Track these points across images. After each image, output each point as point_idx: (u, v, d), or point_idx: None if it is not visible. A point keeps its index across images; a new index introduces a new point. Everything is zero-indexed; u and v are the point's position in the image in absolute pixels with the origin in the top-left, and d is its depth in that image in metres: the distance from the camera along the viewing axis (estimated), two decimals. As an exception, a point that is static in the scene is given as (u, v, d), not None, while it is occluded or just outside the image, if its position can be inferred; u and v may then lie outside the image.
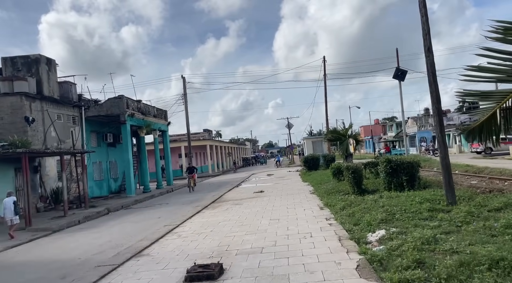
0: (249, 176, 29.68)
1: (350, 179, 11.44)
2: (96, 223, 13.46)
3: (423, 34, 7.88)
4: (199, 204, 14.12)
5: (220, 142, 61.86)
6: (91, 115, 22.77)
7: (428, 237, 5.24)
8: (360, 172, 11.56)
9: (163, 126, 30.50)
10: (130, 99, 24.36)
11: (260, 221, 9.14)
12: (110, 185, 25.89)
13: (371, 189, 11.93)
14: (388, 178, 10.57)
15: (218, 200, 14.64)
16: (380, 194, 10.40)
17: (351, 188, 11.65)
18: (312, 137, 39.90)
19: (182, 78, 34.98)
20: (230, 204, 13.14)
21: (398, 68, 29.85)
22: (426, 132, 57.67)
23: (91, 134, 23.91)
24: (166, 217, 12.70)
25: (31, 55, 19.51)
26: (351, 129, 19.20)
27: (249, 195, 15.29)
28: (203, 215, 11.13)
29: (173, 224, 9.86)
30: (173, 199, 19.34)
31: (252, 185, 20.52)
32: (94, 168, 23.96)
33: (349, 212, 8.44)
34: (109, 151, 25.83)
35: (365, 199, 9.64)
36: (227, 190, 18.45)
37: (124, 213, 15.86)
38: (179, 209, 14.14)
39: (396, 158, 10.64)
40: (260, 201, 13.07)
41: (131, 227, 11.48)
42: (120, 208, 17.96)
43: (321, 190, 13.55)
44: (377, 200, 9.05)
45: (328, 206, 10.20)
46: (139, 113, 25.19)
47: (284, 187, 17.47)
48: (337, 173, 15.27)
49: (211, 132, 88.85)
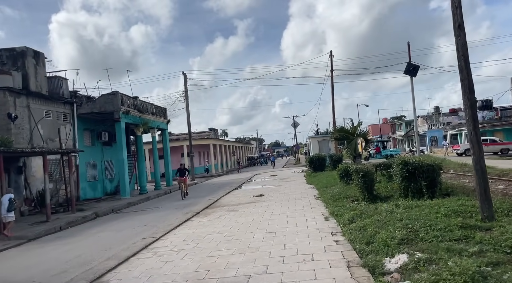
0: (252, 177, 28.28)
1: (360, 184, 9.98)
2: (77, 231, 12.16)
3: (452, 8, 6.38)
4: (191, 209, 12.75)
5: (224, 141, 60.56)
6: (84, 112, 21.54)
7: (473, 273, 3.78)
8: (372, 176, 10.09)
9: (162, 124, 29.21)
10: (125, 95, 23.08)
11: (254, 234, 7.73)
12: (105, 186, 24.67)
13: (383, 195, 10.45)
14: (404, 183, 9.09)
15: (212, 205, 13.26)
16: (395, 202, 8.92)
17: (361, 194, 10.19)
18: (319, 136, 38.33)
19: (183, 74, 33.68)
20: (224, 210, 11.75)
21: (409, 63, 28.17)
22: (437, 131, 55.85)
23: (84, 133, 22.69)
24: (152, 224, 11.36)
25: (16, 48, 18.29)
26: (360, 127, 17.69)
27: (248, 200, 13.89)
28: (191, 224, 9.75)
29: (154, 236, 8.49)
30: (167, 203, 18.01)
31: (253, 187, 19.11)
32: (88, 168, 22.74)
33: (359, 226, 6.99)
34: (104, 151, 24.60)
35: (378, 208, 8.16)
36: (225, 193, 17.07)
37: (112, 218, 14.56)
38: (169, 215, 12.79)
39: (414, 159, 9.14)
40: (258, 207, 11.66)
41: (111, 237, 10.14)
42: (110, 212, 16.68)
43: (327, 195, 12.09)
44: (392, 210, 7.57)
45: (334, 215, 8.75)
46: (135, 110, 23.90)
47: (287, 190, 16.03)
48: (345, 175, 13.80)
49: (216, 131, 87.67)
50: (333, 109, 29.36)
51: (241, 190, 18.55)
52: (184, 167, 19.31)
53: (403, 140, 69.79)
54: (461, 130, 51.14)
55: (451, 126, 55.96)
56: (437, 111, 68.84)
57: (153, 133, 27.59)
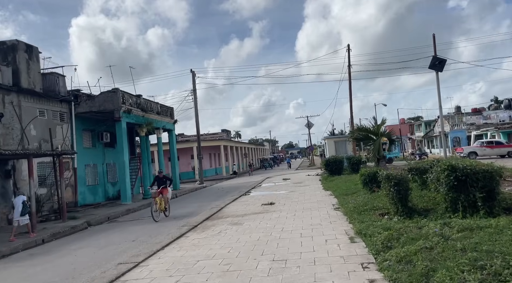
0: (263, 180, 26.41)
1: (392, 194, 8.02)
2: (57, 245, 10.54)
3: None
4: (189, 221, 10.99)
5: (236, 142, 58.90)
6: (82, 111, 20.10)
7: None
8: (407, 184, 8.12)
9: (169, 124, 27.65)
10: (127, 93, 21.57)
11: (257, 263, 5.89)
12: (107, 190, 23.20)
13: (420, 207, 8.46)
14: (451, 194, 7.09)
15: (214, 216, 11.47)
16: (440, 218, 6.96)
17: (393, 206, 8.23)
18: (335, 137, 36.20)
19: (192, 72, 32.08)
20: (226, 223, 9.94)
21: (435, 57, 25.82)
22: (460, 132, 52.91)
23: (84, 133, 21.26)
24: (142, 239, 9.65)
25: (7, 41, 16.90)
26: (384, 126, 15.63)
27: (255, 209, 12.05)
28: (183, 243, 7.97)
29: (133, 261, 6.73)
30: (168, 210, 16.32)
31: (263, 193, 17.26)
32: (87, 172, 21.29)
33: (400, 255, 5.07)
34: (106, 152, 23.14)
35: (422, 229, 6.20)
36: (232, 200, 15.26)
37: (104, 229, 12.94)
38: (163, 227, 11.05)
39: (464, 163, 7.14)
40: (266, 220, 9.81)
41: (88, 257, 8.45)
42: (105, 220, 15.09)
43: (349, 205, 10.15)
44: (444, 233, 5.61)
45: (361, 235, 6.83)
46: (138, 109, 22.37)
47: (300, 197, 14.12)
48: (369, 181, 11.80)
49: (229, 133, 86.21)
50: (351, 106, 27.28)
51: (249, 196, 16.72)
52: (164, 176, 14.01)
53: (423, 141, 66.81)
54: (486, 131, 48.24)
55: (475, 126, 52.99)
56: (458, 110, 65.77)
57: (159, 134, 26.04)
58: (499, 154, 32.65)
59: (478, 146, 35.13)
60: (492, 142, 35.57)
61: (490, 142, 35.67)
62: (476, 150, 34.01)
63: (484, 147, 34.24)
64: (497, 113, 55.42)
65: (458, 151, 35.82)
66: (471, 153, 33.35)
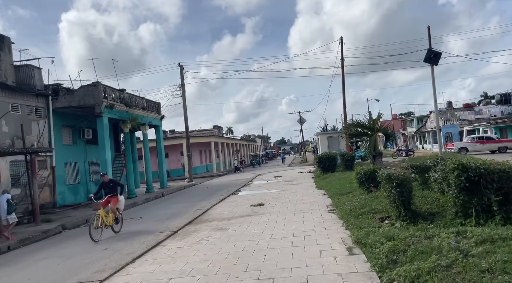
0: (254, 178, 25.48)
1: (394, 196, 7.13)
2: (21, 254, 9.48)
3: None
4: (170, 225, 10.00)
5: (227, 138, 57.85)
6: (61, 106, 18.90)
7: None
8: (410, 186, 7.24)
9: (155, 120, 26.49)
10: (109, 87, 20.39)
11: (240, 282, 4.95)
12: (90, 190, 21.98)
13: (424, 210, 7.59)
14: (462, 197, 6.22)
15: (198, 219, 10.50)
16: (452, 225, 6.10)
17: (395, 209, 7.35)
18: (327, 133, 35.36)
19: (180, 66, 30.93)
20: (210, 228, 8.98)
21: (430, 50, 25.03)
22: (452, 127, 52.53)
23: (63, 129, 20.06)
24: (115, 247, 8.67)
25: (-26, 31, 15.69)
26: (380, 120, 14.76)
27: (243, 211, 11.11)
28: (158, 254, 7.00)
29: (95, 279, 5.75)
30: (151, 211, 15.33)
31: (253, 192, 16.33)
32: (67, 170, 20.13)
33: (411, 275, 4.18)
34: (88, 150, 21.97)
35: (431, 239, 5.31)
36: (220, 200, 14.30)
37: (77, 234, 11.90)
38: (142, 233, 10.06)
39: (476, 162, 6.27)
40: (254, 225, 8.88)
41: (49, 270, 7.44)
42: (83, 222, 14.03)
43: (345, 207, 9.26)
44: (462, 247, 4.72)
45: (361, 245, 5.94)
46: (121, 104, 21.21)
47: (292, 197, 13.22)
48: (365, 180, 10.92)
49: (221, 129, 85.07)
50: (344, 100, 26.38)
51: (238, 195, 15.78)
52: (110, 180, 11.17)
53: (415, 136, 66.48)
54: (478, 126, 47.91)
55: (467, 122, 52.68)
56: (450, 106, 65.52)
57: (144, 130, 24.90)
58: (489, 150, 32.36)
59: (468, 142, 34.73)
60: (482, 137, 35.18)
61: (481, 137, 35.29)
62: (467, 146, 33.63)
63: (474, 142, 33.85)
64: (489, 108, 55.22)
65: (449, 147, 35.37)
66: (462, 149, 32.93)
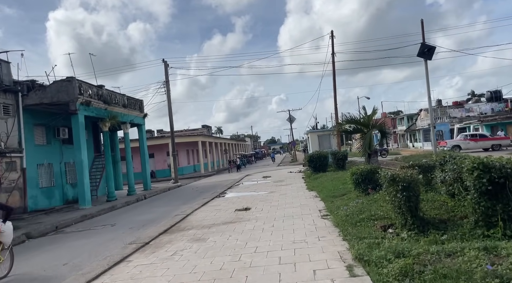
0: (242, 178, 24.34)
1: (399, 201, 6.09)
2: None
3: None
4: (142, 235, 8.81)
5: (216, 138, 56.57)
6: (32, 103, 17.48)
7: None
8: (418, 189, 6.19)
9: (138, 118, 25.14)
10: (85, 83, 19.03)
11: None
12: (66, 193, 20.65)
13: (433, 217, 6.57)
14: (484, 203, 5.20)
15: (176, 227, 9.33)
16: (472, 236, 5.08)
17: (399, 216, 6.30)
18: (318, 131, 34.40)
19: (164, 62, 29.61)
20: (187, 238, 7.84)
21: (424, 44, 24.23)
22: (443, 125, 52.09)
23: (36, 128, 18.63)
24: (75, 263, 7.45)
25: None
26: (375, 116, 13.76)
27: (227, 217, 9.98)
28: (118, 275, 5.84)
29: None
30: (128, 216, 14.09)
31: (240, 194, 15.21)
32: (41, 172, 18.71)
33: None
34: (64, 150, 20.56)
35: (454, 257, 4.26)
36: (203, 204, 13.14)
37: (42, 243, 10.61)
38: (111, 242, 8.86)
39: (500, 161, 5.25)
40: (237, 233, 7.76)
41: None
42: (52, 230, 12.74)
43: (340, 213, 8.20)
44: (501, 271, 3.67)
45: (363, 262, 4.87)
46: (99, 101, 19.85)
47: (281, 200, 12.13)
48: (362, 181, 9.87)
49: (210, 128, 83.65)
50: (335, 96, 25.35)
51: (224, 198, 14.63)
52: None
53: (405, 135, 66.14)
54: (469, 124, 47.57)
55: (458, 119, 52.40)
56: (439, 104, 65.33)
57: (125, 129, 23.56)
58: (483, 147, 31.86)
59: (462, 139, 34.20)
60: (476, 135, 34.67)
61: (474, 135, 34.77)
62: (460, 143, 33.11)
63: (468, 140, 33.33)
64: (479, 105, 55.04)
65: (442, 145, 34.79)
66: (455, 147, 32.37)
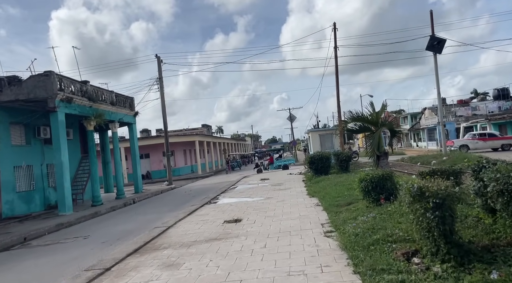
0: (239, 181, 22.83)
1: (429, 222, 4.54)
2: None
3: None
4: (108, 255, 7.28)
5: (214, 137, 55.07)
6: (7, 100, 16.01)
7: None
8: (454, 208, 4.64)
9: (127, 117, 23.62)
10: (67, 78, 17.51)
11: None
12: (48, 197, 19.16)
13: (470, 240, 5.02)
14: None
15: (151, 244, 7.81)
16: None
17: (428, 241, 4.76)
18: (320, 130, 32.84)
19: (157, 58, 28.10)
20: (159, 262, 6.32)
21: (433, 37, 22.70)
22: (449, 124, 50.45)
23: (12, 127, 17.15)
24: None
25: None
26: (385, 113, 12.20)
27: (212, 231, 8.45)
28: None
29: None
30: (107, 225, 12.57)
31: (232, 201, 13.67)
32: (18, 175, 17.22)
33: None
34: (45, 151, 19.09)
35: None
36: (189, 213, 11.61)
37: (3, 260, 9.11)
38: (72, 263, 7.35)
39: None
40: (220, 257, 6.24)
41: None
42: (19, 242, 11.25)
43: (347, 231, 6.65)
44: None
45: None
46: (83, 98, 18.35)
47: (278, 209, 10.58)
48: (372, 189, 8.29)
49: (210, 128, 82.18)
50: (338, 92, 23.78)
51: (215, 205, 13.10)
52: None
53: (409, 134, 64.44)
54: (476, 123, 45.96)
55: (464, 118, 50.81)
56: (444, 102, 63.65)
57: (114, 128, 22.06)
58: (492, 147, 30.47)
59: (470, 139, 32.73)
60: (485, 134, 33.14)
61: (483, 134, 33.23)
62: (468, 143, 31.72)
63: (476, 139, 31.87)
64: (486, 104, 53.37)
65: (448, 144, 33.30)
66: (463, 146, 30.99)
